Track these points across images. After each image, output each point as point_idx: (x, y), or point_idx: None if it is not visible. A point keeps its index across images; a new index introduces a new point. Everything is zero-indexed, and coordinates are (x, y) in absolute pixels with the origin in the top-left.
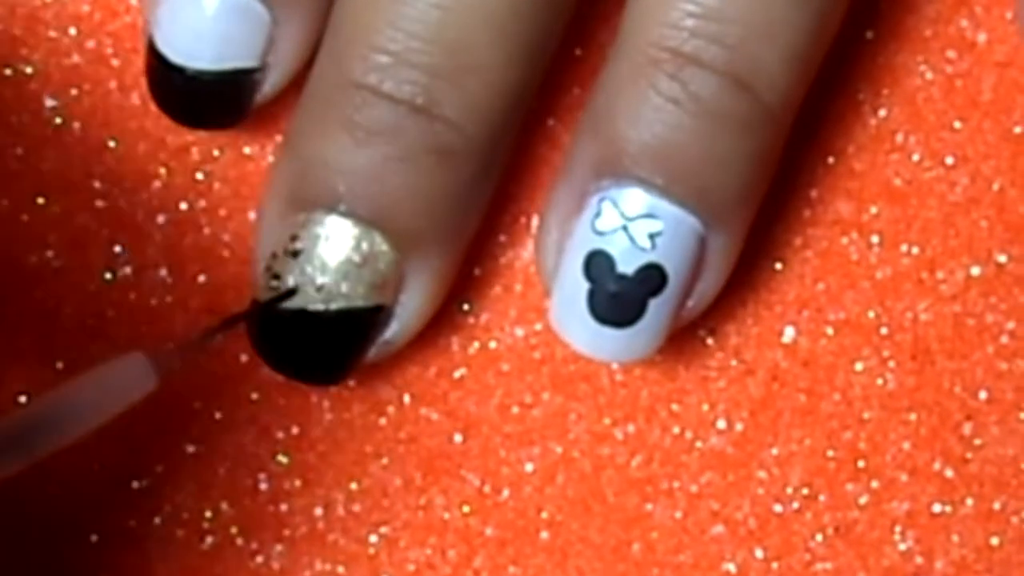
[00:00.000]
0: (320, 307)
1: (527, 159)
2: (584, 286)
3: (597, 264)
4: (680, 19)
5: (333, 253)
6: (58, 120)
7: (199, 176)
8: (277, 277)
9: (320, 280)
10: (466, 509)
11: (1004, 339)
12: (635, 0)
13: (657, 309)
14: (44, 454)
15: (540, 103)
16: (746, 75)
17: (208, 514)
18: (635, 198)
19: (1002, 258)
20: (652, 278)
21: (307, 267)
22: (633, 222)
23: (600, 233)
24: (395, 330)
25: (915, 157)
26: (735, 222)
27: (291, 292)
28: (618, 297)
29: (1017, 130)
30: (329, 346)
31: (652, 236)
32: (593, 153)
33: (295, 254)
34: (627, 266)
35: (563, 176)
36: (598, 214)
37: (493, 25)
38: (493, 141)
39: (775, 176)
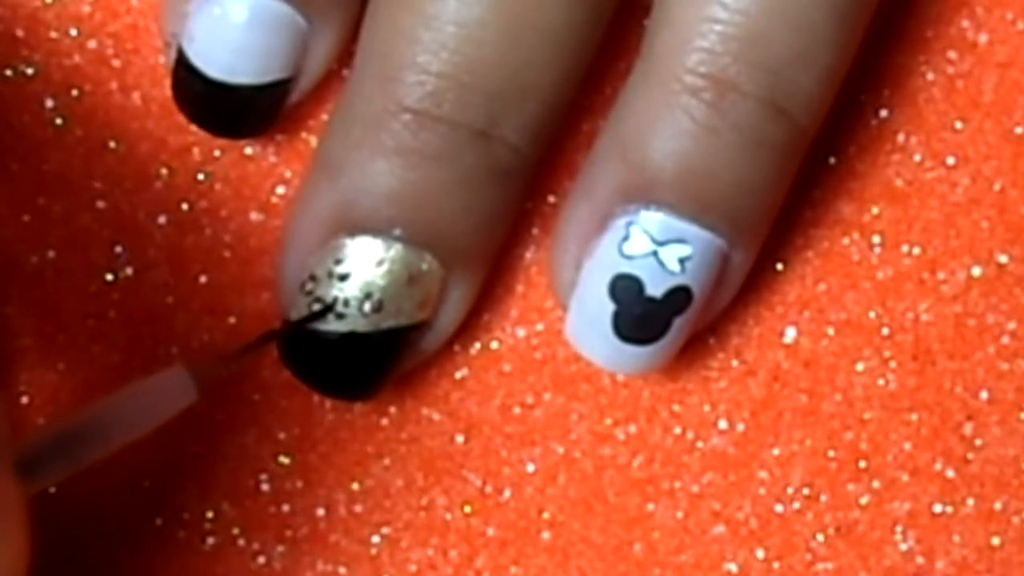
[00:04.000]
0: (370, 328)
1: None
2: (609, 307)
3: (624, 287)
4: (720, 42)
5: (383, 275)
6: (59, 121)
7: (200, 177)
8: (320, 300)
9: (370, 303)
10: (468, 509)
11: (1005, 339)
12: (665, 19)
13: (679, 325)
14: (84, 465)
15: None
16: (785, 100)
17: (210, 514)
18: (665, 224)
19: (1003, 258)
20: (679, 299)
21: (356, 290)
22: (663, 247)
23: (628, 257)
24: (430, 339)
25: (916, 157)
26: (757, 239)
27: (327, 309)
28: (645, 318)
29: (1018, 131)
30: (371, 364)
31: (681, 260)
32: (621, 178)
33: (343, 277)
34: (656, 289)
35: (581, 194)
36: (626, 238)
37: (554, 44)
38: (540, 155)
39: None
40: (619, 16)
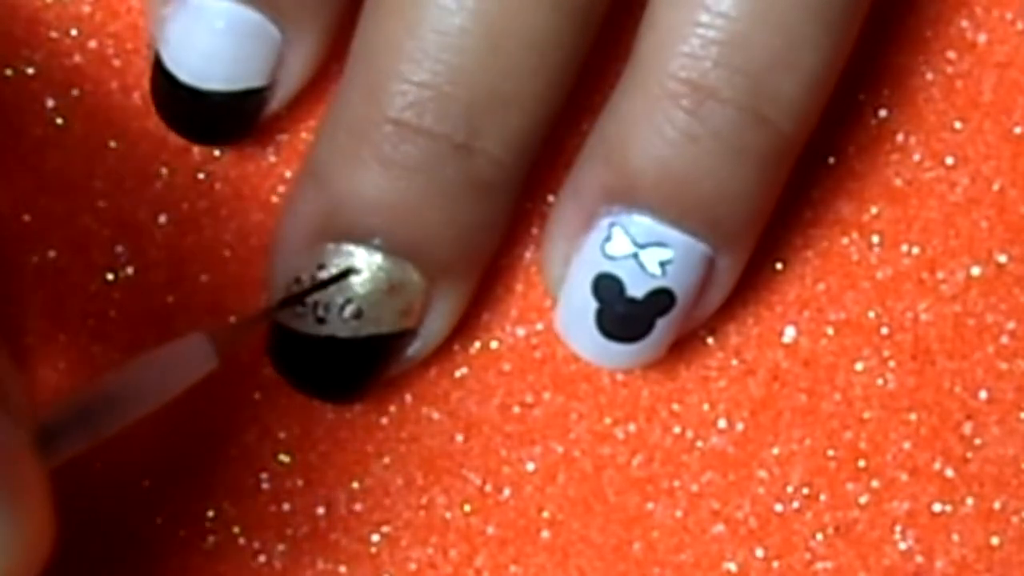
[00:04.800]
0: (349, 334)
1: None
2: (592, 305)
3: (606, 286)
4: (701, 46)
5: (364, 283)
6: (59, 120)
7: (200, 176)
8: (303, 304)
9: (350, 309)
10: (467, 508)
11: (1004, 339)
12: (652, 22)
13: (664, 326)
14: (107, 434)
15: None
16: (767, 108)
17: (210, 513)
18: (646, 227)
19: (1002, 258)
20: (661, 301)
21: (336, 296)
22: (644, 249)
23: (610, 257)
24: (417, 347)
25: (915, 157)
26: (744, 245)
27: (347, 272)
28: (627, 318)
29: (1017, 130)
30: (354, 369)
31: (662, 263)
32: (604, 179)
33: (324, 284)
34: (637, 290)
35: (569, 192)
36: (608, 238)
37: (537, 53)
38: (527, 168)
39: None
40: (620, 17)
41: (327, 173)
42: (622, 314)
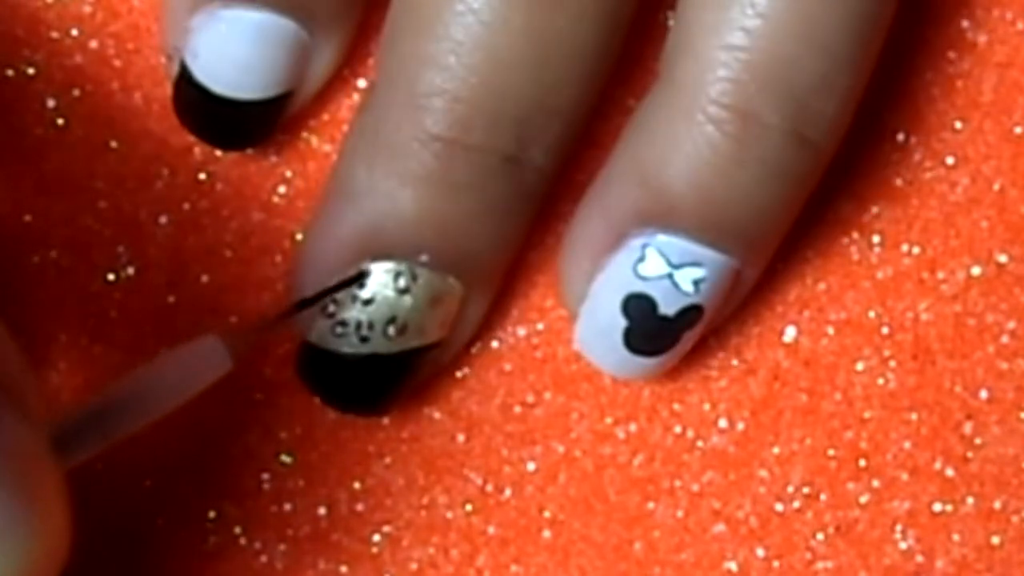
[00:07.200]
0: (393, 350)
1: None
2: (622, 323)
3: (637, 306)
4: (742, 71)
5: (408, 300)
6: (60, 121)
7: (201, 176)
8: (344, 324)
9: (394, 327)
10: (468, 508)
11: (1005, 339)
12: (685, 45)
13: (688, 338)
14: (121, 436)
15: None
16: (809, 130)
17: (211, 514)
18: (682, 248)
19: (1003, 258)
20: (691, 317)
21: (380, 314)
22: (679, 270)
23: (643, 278)
24: (444, 352)
25: (916, 157)
26: (768, 254)
27: (361, 275)
28: (656, 334)
29: (1018, 130)
30: (391, 382)
31: (695, 281)
32: (640, 202)
33: (367, 302)
34: (669, 308)
35: (597, 210)
36: (641, 259)
37: (580, 63)
38: (560, 171)
39: None
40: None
41: (367, 192)
42: (652, 331)
